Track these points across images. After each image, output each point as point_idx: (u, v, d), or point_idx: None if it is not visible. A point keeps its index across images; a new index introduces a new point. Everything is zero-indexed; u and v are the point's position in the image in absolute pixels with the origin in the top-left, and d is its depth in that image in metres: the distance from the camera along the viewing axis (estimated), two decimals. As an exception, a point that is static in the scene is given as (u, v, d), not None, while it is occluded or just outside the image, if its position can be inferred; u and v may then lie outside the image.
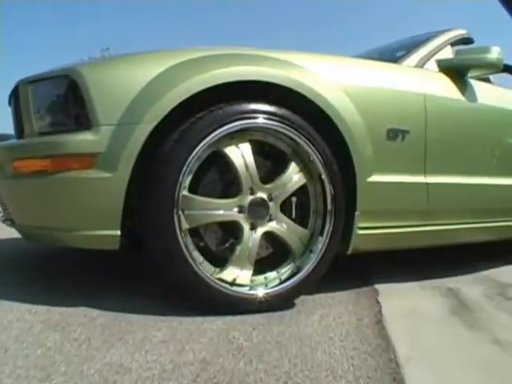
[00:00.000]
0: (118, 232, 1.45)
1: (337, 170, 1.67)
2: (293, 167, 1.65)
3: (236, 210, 1.56)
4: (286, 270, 1.66)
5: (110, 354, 1.19)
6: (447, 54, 2.19)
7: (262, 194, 1.59)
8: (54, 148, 1.47)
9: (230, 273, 1.55)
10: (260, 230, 1.60)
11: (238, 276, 1.56)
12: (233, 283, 1.55)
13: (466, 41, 2.34)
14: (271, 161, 1.68)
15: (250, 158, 1.56)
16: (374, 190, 1.76)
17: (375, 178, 1.75)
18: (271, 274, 1.65)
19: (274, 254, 1.69)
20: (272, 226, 1.62)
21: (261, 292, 1.55)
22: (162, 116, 1.44)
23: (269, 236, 1.64)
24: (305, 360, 1.19)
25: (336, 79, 1.71)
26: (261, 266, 1.65)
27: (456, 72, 2.10)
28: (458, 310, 1.65)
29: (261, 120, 1.56)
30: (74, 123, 1.48)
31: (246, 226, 1.57)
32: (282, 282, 1.62)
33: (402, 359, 1.21)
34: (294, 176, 1.65)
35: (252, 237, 1.58)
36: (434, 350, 1.30)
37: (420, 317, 1.57)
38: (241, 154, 1.55)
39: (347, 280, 1.98)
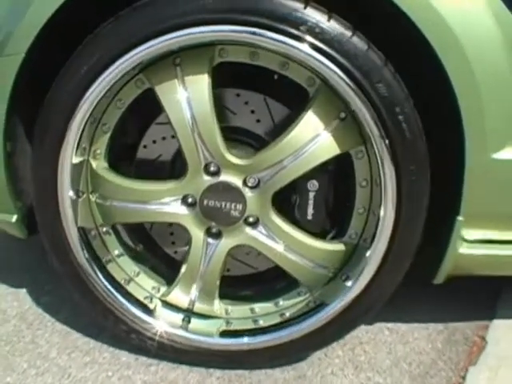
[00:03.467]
0: (13, 217, 0.96)
1: (418, 132, 0.74)
2: (310, 120, 0.79)
3: (177, 203, 0.85)
4: (292, 304, 0.92)
5: None
6: None
7: (229, 177, 0.82)
8: None
9: (178, 297, 0.92)
10: (227, 243, 0.86)
11: (193, 303, 0.92)
12: (191, 311, 0.93)
13: None
14: (273, 106, 0.85)
15: (204, 103, 0.78)
16: (507, 175, 0.76)
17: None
18: (264, 306, 0.93)
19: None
20: (254, 236, 0.86)
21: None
22: (28, 43, 0.79)
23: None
24: None
25: None
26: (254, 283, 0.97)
27: None
28: None
29: (239, 28, 0.73)
30: None
31: (198, 232, 0.86)
32: (284, 322, 0.91)
33: None
34: (313, 139, 0.79)
35: (210, 251, 0.87)
36: None
37: None
38: (185, 98, 0.79)
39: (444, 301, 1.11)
